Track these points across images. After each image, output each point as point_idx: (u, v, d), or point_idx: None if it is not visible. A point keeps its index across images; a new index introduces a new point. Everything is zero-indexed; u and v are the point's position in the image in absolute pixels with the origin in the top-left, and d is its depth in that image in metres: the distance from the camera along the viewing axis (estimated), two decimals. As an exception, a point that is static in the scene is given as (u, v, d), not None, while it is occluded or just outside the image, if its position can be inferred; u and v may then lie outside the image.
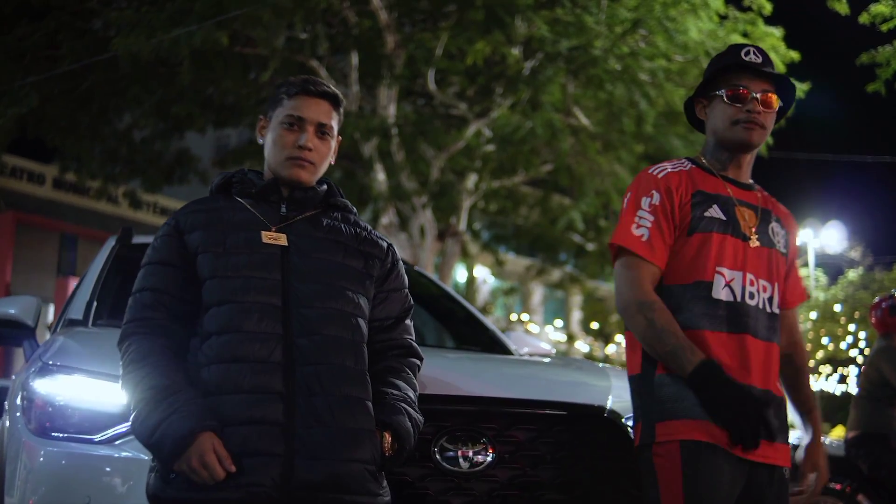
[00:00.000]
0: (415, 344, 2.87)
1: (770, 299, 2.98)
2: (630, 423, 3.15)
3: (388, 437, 2.60)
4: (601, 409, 3.23)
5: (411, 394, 2.73)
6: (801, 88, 17.39)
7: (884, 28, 15.15)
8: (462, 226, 17.33)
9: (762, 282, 2.96)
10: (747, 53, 3.00)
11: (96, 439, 2.92)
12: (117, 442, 2.90)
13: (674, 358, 2.80)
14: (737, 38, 16.76)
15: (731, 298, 2.90)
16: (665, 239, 2.94)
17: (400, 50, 14.70)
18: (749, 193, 3.08)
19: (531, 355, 4.72)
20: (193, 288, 2.63)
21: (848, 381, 36.93)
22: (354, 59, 15.05)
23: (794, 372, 3.12)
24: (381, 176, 15.51)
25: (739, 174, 3.09)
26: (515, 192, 19.68)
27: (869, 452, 6.76)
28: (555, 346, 32.64)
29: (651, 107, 16.67)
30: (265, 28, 12.77)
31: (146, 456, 2.67)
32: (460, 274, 24.74)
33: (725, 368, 2.81)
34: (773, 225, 3.08)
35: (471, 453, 2.98)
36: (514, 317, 28.33)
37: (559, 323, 31.65)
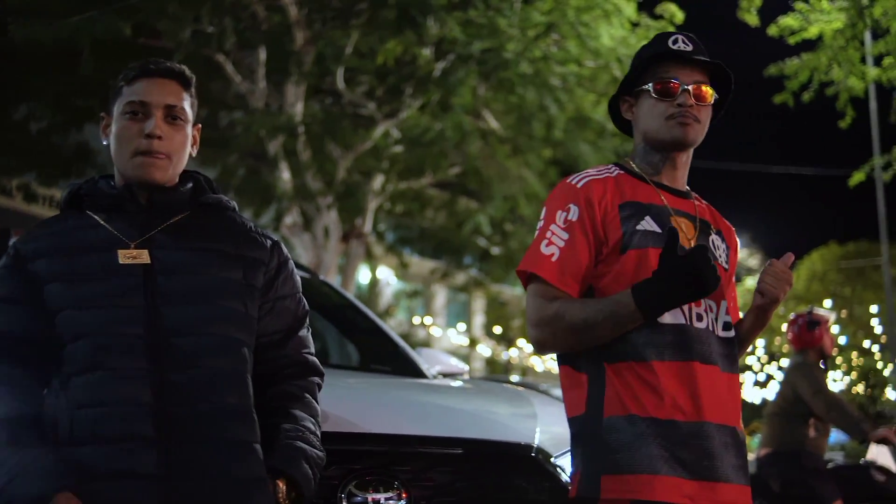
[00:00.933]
0: (312, 358, 2.46)
1: (717, 320, 2.62)
2: (560, 462, 2.85)
3: (282, 487, 2.22)
4: (528, 447, 2.90)
5: (310, 424, 2.33)
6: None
7: (792, 41, 15.25)
8: (367, 227, 17.02)
9: (708, 301, 2.60)
10: (675, 42, 2.66)
11: None
12: None
13: (613, 316, 2.46)
14: (648, 46, 16.76)
15: (682, 321, 2.54)
16: (580, 260, 2.56)
17: (309, 47, 14.34)
18: (686, 202, 2.72)
19: (444, 375, 4.41)
20: (42, 325, 2.22)
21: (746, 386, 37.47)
22: (262, 54, 14.62)
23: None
24: (286, 175, 15.11)
25: (675, 179, 2.72)
26: (422, 195, 19.42)
27: (781, 471, 6.65)
28: (457, 349, 32.47)
29: (561, 112, 16.60)
30: (171, 20, 12.30)
31: None
32: (363, 275, 24.39)
33: (678, 404, 2.49)
34: (714, 237, 2.73)
35: (382, 500, 2.62)
36: (416, 320, 28.05)
37: (462, 326, 31.46)
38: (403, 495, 2.62)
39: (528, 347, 31.03)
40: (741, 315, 2.77)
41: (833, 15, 15.19)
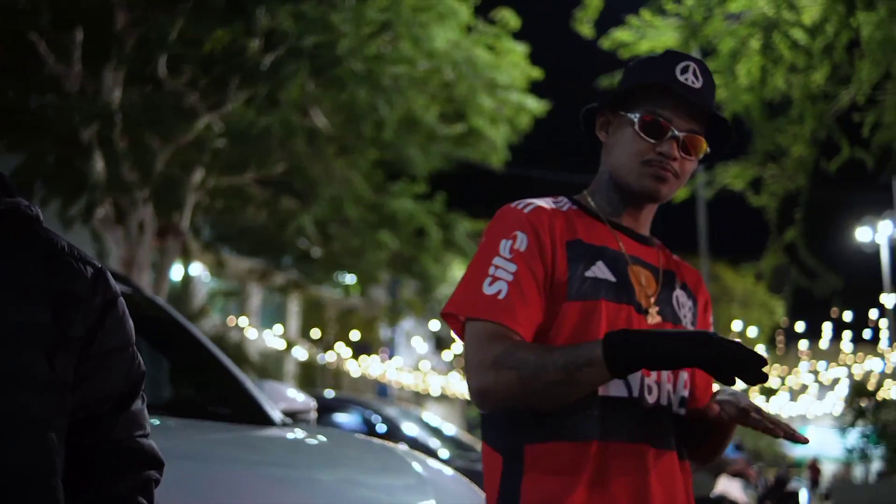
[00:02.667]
0: (147, 443, 1.74)
1: (676, 394, 2.19)
2: None
3: None
4: None
5: None
6: (541, 108, 17.49)
7: (624, 54, 15.35)
8: (185, 224, 16.21)
9: (665, 371, 2.16)
10: (685, 70, 2.18)
11: None
12: None
13: (574, 369, 1.93)
14: (481, 52, 16.65)
15: (626, 394, 2.09)
16: (533, 298, 2.10)
17: (131, 30, 13.46)
18: (647, 250, 2.30)
19: (289, 414, 3.88)
20: None
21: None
22: (80, 35, 13.63)
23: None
24: (99, 165, 14.14)
25: (637, 222, 2.29)
26: (244, 191, 18.68)
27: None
28: (274, 353, 31.69)
29: (392, 113, 16.30)
30: (-24, -9, 11.29)
31: None
32: (176, 273, 23.40)
33: (620, 499, 2.02)
34: (679, 293, 2.29)
35: None
36: (231, 321, 27.13)
37: (278, 328, 30.68)
38: None
39: (345, 352, 30.54)
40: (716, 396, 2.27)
41: (666, 32, 15.39)
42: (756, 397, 40.15)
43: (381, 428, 9.94)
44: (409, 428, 9.97)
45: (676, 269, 2.34)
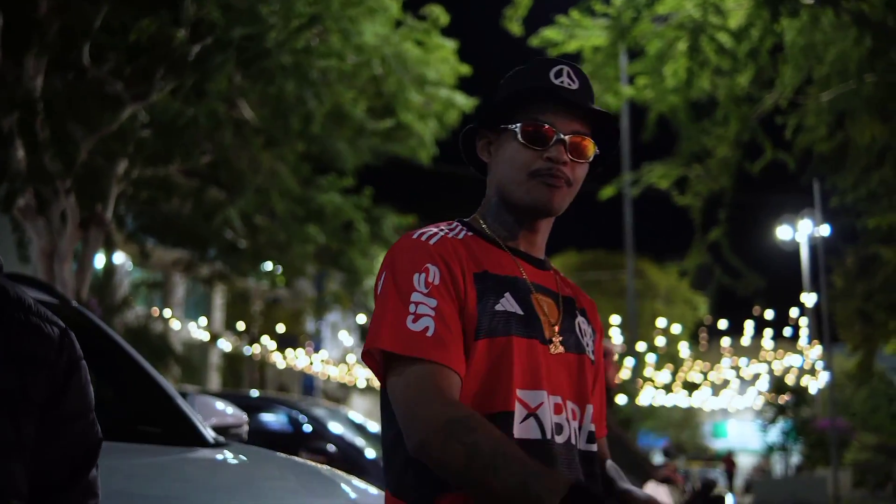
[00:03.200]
0: None
1: (580, 430, 2.08)
2: None
3: None
4: None
5: None
6: (470, 104, 17.49)
7: (553, 53, 15.40)
8: (109, 214, 15.92)
9: (571, 405, 2.05)
10: (559, 74, 2.08)
11: None
12: None
13: (523, 495, 1.71)
14: (411, 47, 16.60)
15: (539, 436, 1.96)
16: (456, 334, 1.95)
17: (54, 16, 13.17)
18: (546, 275, 2.18)
19: (219, 429, 3.75)
20: None
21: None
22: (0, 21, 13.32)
23: None
24: (20, 154, 13.83)
25: (533, 245, 2.17)
26: (169, 182, 18.41)
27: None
28: (199, 345, 31.32)
29: (320, 106, 16.20)
30: None
31: None
32: (99, 262, 23.02)
33: None
34: (580, 320, 2.18)
35: None
36: (155, 312, 26.75)
37: (202, 320, 30.31)
38: None
39: (271, 345, 30.29)
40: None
41: (594, 32, 15.48)
42: (679, 391, 40.71)
43: (308, 427, 9.84)
44: (336, 427, 9.89)
45: (574, 294, 2.24)
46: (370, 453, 9.53)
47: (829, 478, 28.32)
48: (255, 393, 13.07)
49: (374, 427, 11.21)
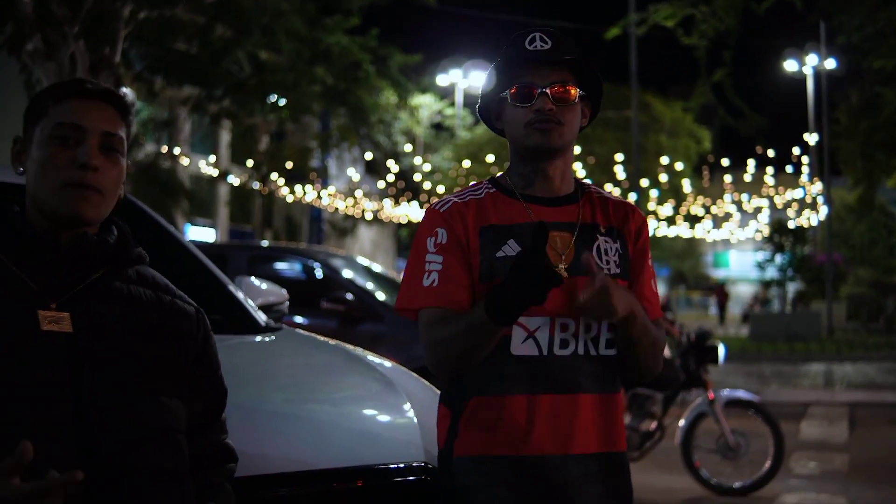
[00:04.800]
0: (230, 443, 2.12)
1: (596, 339, 2.46)
2: None
3: None
4: (421, 469, 2.69)
5: None
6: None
7: None
8: (117, 57, 16.01)
9: (584, 319, 2.43)
10: (532, 41, 2.49)
11: None
12: None
13: (469, 327, 2.32)
14: None
15: (536, 352, 2.41)
16: (461, 277, 2.44)
17: None
18: (562, 210, 2.51)
19: (264, 308, 4.03)
20: None
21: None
22: None
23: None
24: (27, -1, 13.86)
25: (550, 189, 2.53)
26: (175, 20, 18.35)
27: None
28: (206, 180, 31.65)
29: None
30: None
31: None
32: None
33: (526, 441, 2.40)
34: (601, 241, 2.51)
35: None
36: (164, 149, 26.94)
37: (211, 158, 30.55)
38: None
39: (279, 180, 30.71)
40: (660, 308, 2.63)
41: None
42: (682, 224, 41.25)
43: (324, 277, 10.19)
44: (352, 275, 10.23)
45: (602, 215, 2.54)
46: (380, 296, 9.91)
47: (824, 312, 29.05)
48: (264, 243, 13.34)
49: (378, 268, 11.54)
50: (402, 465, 2.69)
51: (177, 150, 26.94)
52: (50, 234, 1.91)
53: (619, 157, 30.06)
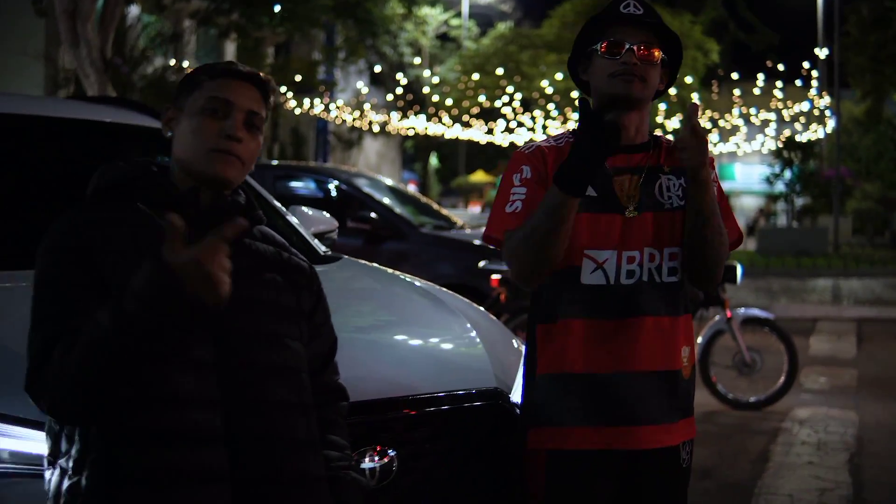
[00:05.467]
0: (342, 383, 2.38)
1: (658, 268, 2.74)
2: (514, 400, 3.01)
3: None
4: (494, 393, 2.95)
5: (349, 451, 2.32)
6: None
7: None
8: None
9: (648, 250, 2.71)
10: (626, 6, 2.75)
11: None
12: None
13: (545, 208, 2.56)
14: None
15: (604, 281, 2.69)
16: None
17: None
18: (632, 156, 2.78)
19: (318, 235, 4.20)
20: None
21: (497, 132, 38.78)
22: None
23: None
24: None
25: (625, 137, 2.74)
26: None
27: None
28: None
29: None
30: None
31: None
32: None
33: (595, 359, 2.69)
34: (663, 180, 2.78)
35: (377, 467, 2.59)
36: (173, 62, 26.85)
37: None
38: (390, 458, 2.61)
39: (289, 93, 30.66)
40: (739, 233, 2.87)
41: None
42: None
43: (344, 192, 10.36)
44: (376, 194, 10.37)
45: (668, 157, 2.80)
46: (404, 215, 10.11)
47: (831, 227, 29.22)
48: (273, 162, 13.35)
49: (400, 186, 11.68)
50: (477, 390, 2.93)
51: (185, 64, 26.88)
52: (193, 192, 2.13)
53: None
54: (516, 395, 3.01)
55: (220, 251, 1.82)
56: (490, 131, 39.58)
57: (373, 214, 9.68)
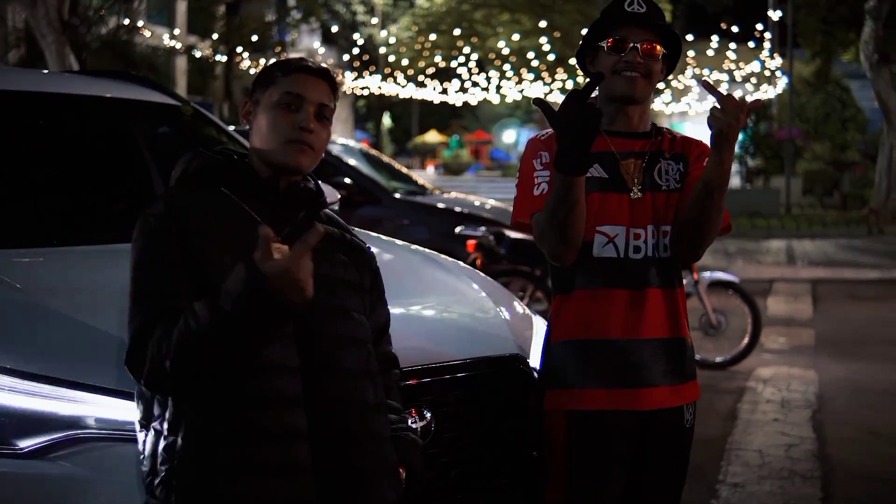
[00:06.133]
0: (394, 353, 2.62)
1: (658, 245, 2.98)
2: (533, 365, 3.23)
3: (403, 475, 2.45)
4: (516, 359, 3.17)
5: (405, 414, 2.57)
6: None
7: None
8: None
9: (651, 228, 2.96)
10: (630, 4, 2.96)
11: (22, 449, 2.39)
12: (53, 454, 2.37)
13: (555, 193, 2.76)
14: None
15: (614, 255, 2.93)
16: None
17: None
18: (637, 142, 3.03)
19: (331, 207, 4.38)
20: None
21: (449, 91, 38.83)
22: None
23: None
24: None
25: (629, 126, 3.02)
26: None
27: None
28: (164, 53, 31.26)
29: None
30: None
31: (93, 472, 2.35)
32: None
33: (606, 327, 2.92)
34: (662, 164, 3.02)
35: (417, 427, 2.80)
36: (127, 22, 26.54)
37: (176, 31, 30.23)
38: (428, 420, 2.84)
39: (245, 53, 30.44)
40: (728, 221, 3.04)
41: None
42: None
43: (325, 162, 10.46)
44: (351, 161, 10.46)
45: (669, 144, 3.04)
46: (379, 180, 10.25)
47: (783, 189, 29.66)
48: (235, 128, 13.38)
49: (373, 152, 11.71)
50: (499, 356, 3.16)
51: (140, 23, 26.62)
52: (273, 180, 2.33)
53: (582, 30, 30.04)
54: (533, 360, 3.24)
55: (306, 258, 2.02)
56: (444, 91, 39.67)
57: (347, 180, 9.82)
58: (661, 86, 29.48)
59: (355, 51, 35.71)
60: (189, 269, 2.20)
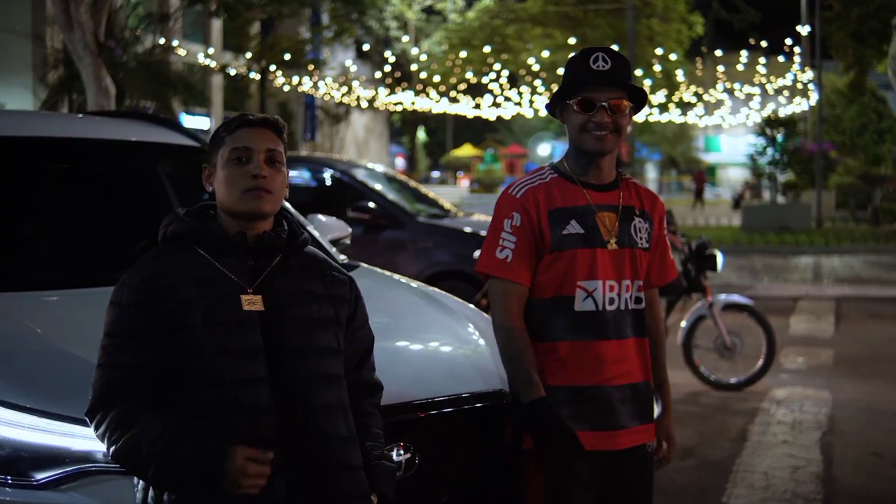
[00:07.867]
0: (377, 377, 2.76)
1: (632, 297, 3.19)
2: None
3: (375, 502, 2.60)
4: (500, 394, 3.32)
5: (382, 440, 2.69)
6: None
7: None
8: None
9: (625, 282, 3.16)
10: (595, 60, 3.11)
11: (38, 481, 2.62)
12: (65, 486, 2.60)
13: (517, 383, 3.09)
14: None
15: (593, 308, 3.12)
16: (527, 258, 3.12)
17: None
18: (609, 195, 3.20)
19: (334, 241, 4.54)
20: (168, 365, 2.42)
21: (482, 105, 38.98)
22: None
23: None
24: None
25: (600, 177, 3.19)
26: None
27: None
28: (200, 68, 31.69)
29: None
30: None
31: (100, 502, 2.58)
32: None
33: (582, 374, 3.12)
34: (636, 222, 3.21)
35: (402, 460, 2.99)
36: (162, 41, 26.97)
37: (210, 50, 30.63)
38: (412, 453, 3.02)
39: (279, 71, 30.77)
40: (676, 271, 3.40)
41: None
42: (674, 111, 41.51)
43: (329, 181, 10.65)
44: (375, 185, 10.60)
45: (637, 199, 3.24)
46: (403, 205, 10.43)
47: (814, 202, 29.55)
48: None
49: (400, 177, 11.88)
50: (484, 392, 3.33)
51: (175, 43, 27.02)
52: (241, 236, 2.52)
53: (613, 46, 30.12)
54: None
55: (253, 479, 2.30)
56: (477, 106, 39.86)
57: (371, 204, 10.05)
58: (692, 100, 29.79)
59: (388, 67, 36.00)
60: (157, 337, 2.40)
